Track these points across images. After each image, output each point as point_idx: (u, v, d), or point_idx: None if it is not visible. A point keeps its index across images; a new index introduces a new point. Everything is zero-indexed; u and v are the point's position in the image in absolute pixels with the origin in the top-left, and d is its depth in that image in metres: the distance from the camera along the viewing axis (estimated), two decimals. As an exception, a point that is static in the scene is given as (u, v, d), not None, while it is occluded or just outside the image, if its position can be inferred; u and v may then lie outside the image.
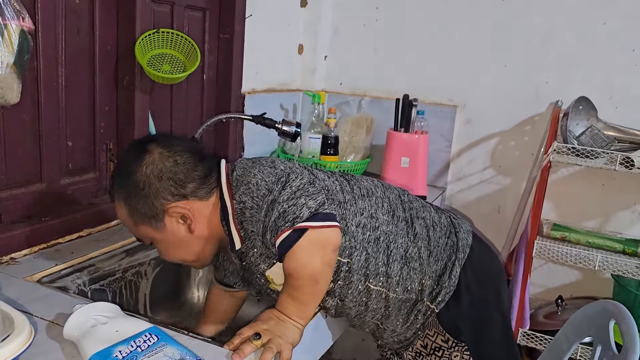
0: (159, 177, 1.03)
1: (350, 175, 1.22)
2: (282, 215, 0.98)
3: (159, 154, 1.05)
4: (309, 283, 1.00)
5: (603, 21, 1.95)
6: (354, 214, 1.10)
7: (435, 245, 1.16)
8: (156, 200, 1.04)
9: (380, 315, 1.17)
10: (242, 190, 1.05)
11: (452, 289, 1.14)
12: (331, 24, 2.42)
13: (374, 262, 1.11)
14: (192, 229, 1.07)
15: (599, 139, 1.83)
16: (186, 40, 1.58)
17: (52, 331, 0.97)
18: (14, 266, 1.22)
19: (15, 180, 1.31)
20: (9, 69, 1.09)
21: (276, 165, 1.08)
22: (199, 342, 0.97)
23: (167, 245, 1.10)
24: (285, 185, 1.02)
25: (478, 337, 1.17)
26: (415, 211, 1.19)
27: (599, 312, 1.48)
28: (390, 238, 1.12)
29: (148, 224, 1.06)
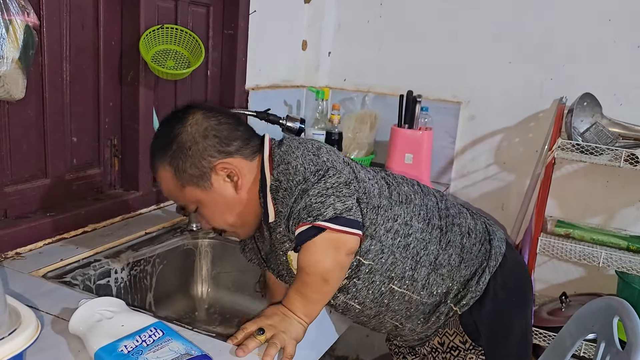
0: (204, 135, 1.03)
1: (392, 177, 1.19)
2: (307, 208, 0.97)
3: (202, 115, 1.05)
4: (318, 281, 0.99)
5: (608, 17, 1.94)
6: (387, 219, 1.08)
7: (468, 252, 1.14)
8: (203, 159, 1.03)
9: (401, 316, 1.15)
10: (282, 169, 1.03)
11: (479, 294, 1.12)
12: (335, 20, 2.41)
13: (400, 266, 1.09)
14: (239, 187, 1.06)
15: (604, 136, 1.83)
16: (190, 36, 1.58)
17: (57, 326, 0.97)
18: (20, 261, 1.23)
19: (20, 175, 1.32)
20: (14, 64, 1.09)
21: (320, 154, 1.06)
22: (204, 337, 0.98)
23: (214, 208, 1.08)
24: (320, 179, 1.00)
25: (495, 345, 1.15)
26: (451, 218, 1.17)
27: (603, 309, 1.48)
28: (421, 245, 1.11)
29: (195, 185, 1.05)
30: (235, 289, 1.53)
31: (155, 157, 1.09)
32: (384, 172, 1.20)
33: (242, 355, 0.92)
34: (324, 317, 1.16)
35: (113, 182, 1.58)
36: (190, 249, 1.52)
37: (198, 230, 1.54)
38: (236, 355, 0.92)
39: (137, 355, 0.83)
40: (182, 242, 1.49)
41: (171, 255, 1.46)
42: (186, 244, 1.51)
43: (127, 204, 1.55)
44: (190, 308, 1.51)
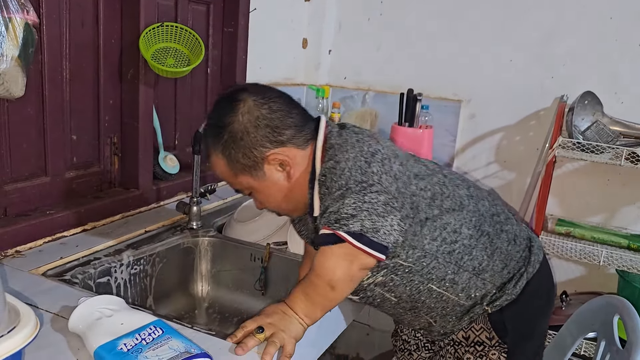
0: (256, 125, 1.01)
1: (450, 179, 1.15)
2: (337, 214, 0.96)
3: (253, 102, 1.02)
4: (326, 286, 0.99)
5: (610, 16, 1.93)
6: (434, 229, 1.06)
7: (512, 259, 1.15)
8: (255, 149, 1.02)
9: (436, 313, 1.15)
10: (330, 165, 1.01)
11: (513, 297, 1.13)
12: (335, 18, 2.41)
13: (442, 270, 1.08)
14: (291, 176, 1.05)
15: (605, 134, 1.82)
16: (190, 34, 1.58)
17: (57, 324, 0.97)
18: (19, 259, 1.23)
19: (20, 173, 1.32)
20: (14, 62, 1.09)
21: (373, 162, 1.00)
22: (204, 335, 0.98)
23: (267, 195, 1.08)
24: (361, 191, 0.97)
25: (519, 345, 1.16)
26: (500, 225, 1.16)
27: (604, 308, 1.48)
28: (466, 251, 1.09)
29: (248, 174, 1.04)
30: (235, 287, 1.52)
31: (207, 144, 1.07)
32: (442, 173, 1.15)
33: (241, 353, 0.92)
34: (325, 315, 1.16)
35: (113, 180, 1.58)
36: (190, 247, 1.52)
37: (198, 229, 1.54)
38: (235, 354, 0.92)
39: (137, 353, 0.83)
40: (182, 241, 1.49)
41: (171, 253, 1.46)
42: (186, 243, 1.50)
43: (127, 202, 1.55)
44: (190, 306, 1.51)
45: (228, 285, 1.54)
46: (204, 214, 1.59)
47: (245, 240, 1.53)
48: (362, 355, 2.48)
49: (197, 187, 1.53)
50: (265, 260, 1.45)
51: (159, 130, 1.66)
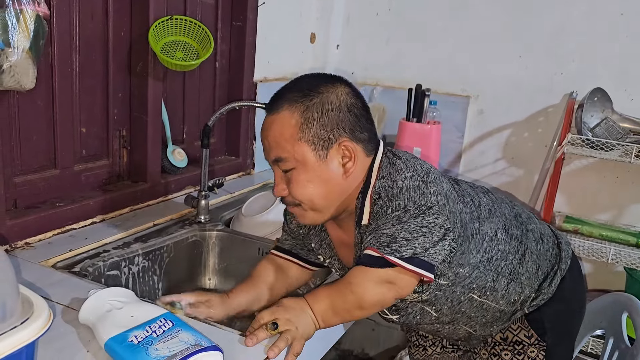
0: (349, 108, 0.99)
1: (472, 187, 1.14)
2: (391, 237, 0.94)
3: (348, 91, 1.00)
4: (355, 303, 0.97)
5: (620, 12, 1.92)
6: (478, 242, 1.06)
7: (544, 259, 1.14)
8: (336, 128, 0.98)
9: (476, 322, 1.13)
10: (386, 184, 0.98)
11: (550, 296, 1.13)
12: (343, 12, 2.40)
13: (483, 279, 1.07)
14: (347, 172, 1.00)
15: (614, 131, 1.81)
16: (200, 27, 1.58)
17: (67, 315, 0.98)
18: (29, 251, 1.23)
19: (29, 166, 1.32)
20: (25, 54, 1.09)
21: (429, 181, 0.98)
22: (214, 328, 0.98)
23: (311, 177, 1.00)
24: (420, 215, 0.95)
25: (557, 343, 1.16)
26: (524, 225, 1.15)
27: (612, 305, 1.47)
28: (502, 256, 1.09)
29: (312, 145, 0.98)
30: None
31: (285, 98, 1.00)
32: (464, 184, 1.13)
33: (251, 344, 0.92)
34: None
35: (122, 173, 1.58)
36: (198, 241, 1.52)
37: (206, 223, 1.54)
38: (245, 344, 0.93)
39: (147, 345, 0.84)
40: (190, 234, 1.50)
41: (179, 247, 1.46)
42: (194, 236, 1.51)
43: (135, 195, 1.55)
44: (197, 300, 1.52)
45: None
46: (211, 207, 1.60)
47: (253, 235, 1.53)
48: (367, 351, 2.48)
49: (206, 180, 1.53)
50: (273, 254, 1.45)
51: (167, 124, 1.66)
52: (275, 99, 1.03)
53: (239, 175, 2.03)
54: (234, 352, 0.91)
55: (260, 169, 2.12)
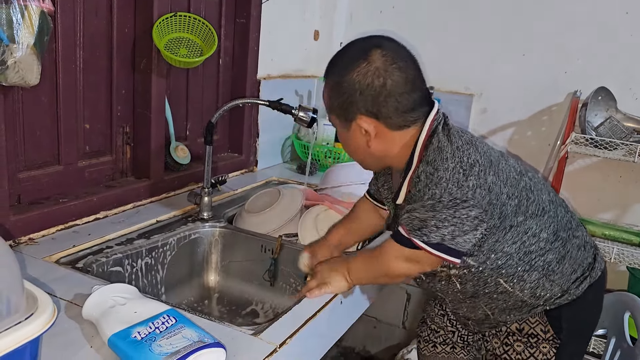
0: (362, 90, 1.04)
1: (534, 183, 1.15)
2: (423, 222, 1.01)
3: (375, 70, 1.03)
4: (383, 271, 1.11)
5: (625, 10, 1.91)
6: (517, 234, 1.08)
7: (580, 264, 1.17)
8: (351, 107, 1.06)
9: (496, 306, 1.17)
10: (429, 170, 1.01)
11: (573, 298, 1.15)
12: (347, 10, 2.40)
13: (514, 267, 1.10)
14: (369, 146, 1.09)
15: (618, 130, 1.81)
16: (203, 24, 1.58)
17: (71, 311, 0.98)
18: (33, 246, 1.24)
19: (33, 161, 1.32)
20: (29, 50, 1.09)
21: (470, 175, 1.00)
22: (216, 324, 0.98)
23: (345, 141, 1.14)
24: (453, 207, 0.99)
25: (571, 343, 1.18)
26: (572, 231, 1.18)
27: (614, 304, 1.47)
28: (540, 252, 1.12)
29: (338, 117, 1.10)
30: (245, 278, 1.53)
31: (329, 71, 1.11)
32: (527, 176, 1.15)
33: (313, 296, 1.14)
34: (335, 308, 1.16)
35: (125, 169, 1.58)
36: (201, 237, 1.52)
37: (209, 219, 1.54)
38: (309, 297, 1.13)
39: (151, 341, 0.84)
40: (193, 231, 1.50)
41: (182, 243, 1.47)
42: (197, 233, 1.51)
43: (138, 191, 1.55)
44: (199, 296, 1.52)
45: (238, 276, 1.54)
46: (214, 204, 1.60)
47: (256, 232, 1.53)
48: (369, 348, 2.48)
49: (209, 177, 1.53)
50: (276, 251, 1.45)
51: (170, 121, 1.67)
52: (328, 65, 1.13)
53: (241, 172, 2.03)
54: (237, 349, 0.91)
55: (263, 166, 2.12)
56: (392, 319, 2.42)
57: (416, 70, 1.08)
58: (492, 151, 1.11)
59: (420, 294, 2.35)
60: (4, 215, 1.19)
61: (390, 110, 1.04)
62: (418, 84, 1.07)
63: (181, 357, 0.81)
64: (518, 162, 1.19)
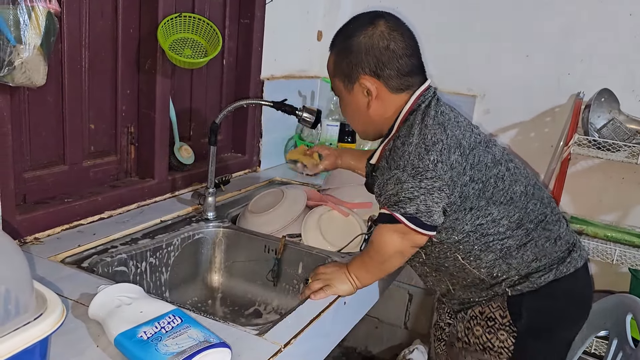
0: (367, 51, 1.14)
1: (513, 172, 1.21)
2: (397, 196, 1.10)
3: (380, 33, 1.14)
4: (378, 258, 1.17)
5: (629, 12, 1.91)
6: (477, 217, 1.15)
7: (546, 256, 1.19)
8: (355, 67, 1.16)
9: (457, 281, 1.24)
10: (397, 143, 1.13)
11: (535, 287, 1.17)
12: (350, 10, 2.40)
13: (470, 245, 1.17)
14: (369, 106, 1.19)
15: (621, 132, 1.81)
16: (208, 25, 1.58)
17: (77, 310, 0.99)
18: (38, 246, 1.24)
19: (39, 161, 1.33)
20: (36, 50, 1.09)
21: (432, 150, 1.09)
22: (221, 324, 0.99)
23: (346, 106, 1.25)
24: (416, 176, 1.08)
25: (530, 336, 1.19)
26: (544, 224, 1.21)
27: (616, 306, 1.48)
28: (498, 237, 1.17)
29: (342, 80, 1.20)
30: (249, 278, 1.53)
31: (334, 41, 1.23)
32: (506, 166, 1.21)
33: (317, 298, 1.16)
34: (339, 309, 1.17)
35: (129, 169, 1.59)
36: (205, 237, 1.53)
37: (213, 219, 1.55)
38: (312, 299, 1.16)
39: (157, 341, 0.84)
40: (196, 231, 1.50)
41: (186, 243, 1.47)
42: (201, 233, 1.51)
43: (142, 191, 1.56)
44: (203, 296, 1.52)
45: (241, 276, 1.55)
46: (218, 204, 1.60)
47: (259, 232, 1.54)
48: (371, 348, 2.49)
49: (213, 177, 1.54)
50: (279, 252, 1.46)
51: (174, 121, 1.67)
52: (333, 37, 1.24)
53: (245, 173, 2.03)
54: (242, 349, 0.92)
55: (266, 166, 2.13)
56: (393, 319, 2.42)
57: (414, 40, 1.19)
58: (472, 136, 1.18)
59: (422, 294, 2.35)
60: (10, 215, 1.20)
61: (391, 72, 1.15)
62: (416, 52, 1.19)
63: (187, 357, 0.81)
64: (504, 152, 1.25)
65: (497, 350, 1.20)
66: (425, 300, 2.35)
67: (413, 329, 2.39)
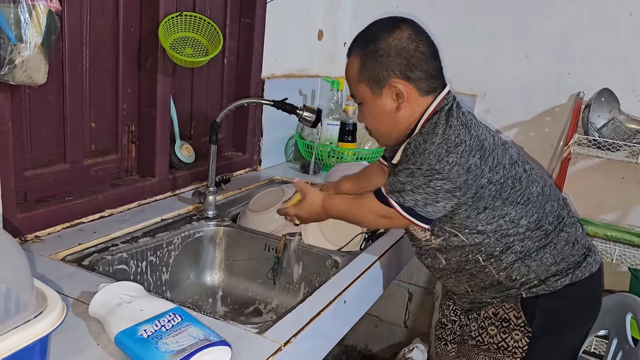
0: (398, 52, 1.14)
1: (530, 173, 1.21)
2: (402, 185, 1.12)
3: (408, 35, 1.15)
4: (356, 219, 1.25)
5: (629, 12, 1.91)
6: (493, 217, 1.15)
7: (564, 259, 1.20)
8: (386, 70, 1.15)
9: (475, 283, 1.25)
10: (420, 139, 1.13)
11: (551, 290, 1.18)
12: (351, 10, 2.40)
13: (492, 246, 1.17)
14: (399, 109, 1.18)
15: (621, 132, 1.81)
16: (209, 24, 1.58)
17: (77, 308, 0.99)
18: (39, 244, 1.25)
19: (39, 160, 1.33)
20: (37, 49, 1.09)
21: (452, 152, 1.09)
22: (221, 323, 0.99)
23: (372, 111, 1.22)
24: (428, 176, 1.10)
25: (544, 336, 1.20)
26: (562, 226, 1.22)
27: (616, 305, 1.48)
28: (518, 238, 1.17)
29: (369, 85, 1.18)
30: (249, 277, 1.54)
31: (355, 45, 1.20)
32: (523, 167, 1.21)
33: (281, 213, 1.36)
34: (339, 307, 1.17)
35: (130, 168, 1.59)
36: (205, 236, 1.53)
37: (213, 218, 1.55)
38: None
39: (157, 339, 0.85)
40: (197, 230, 1.51)
41: (186, 242, 1.48)
42: (201, 231, 1.52)
43: (143, 190, 1.56)
44: (203, 295, 1.53)
45: (242, 275, 1.55)
46: (218, 203, 1.61)
47: (260, 230, 1.54)
48: (371, 347, 2.49)
49: (213, 176, 1.54)
50: (279, 250, 1.46)
51: (175, 120, 1.67)
52: (352, 43, 1.22)
53: (245, 171, 2.04)
54: (242, 347, 0.92)
55: (266, 165, 2.13)
56: (393, 318, 2.43)
57: (435, 44, 1.20)
58: (491, 138, 1.18)
59: (422, 293, 2.35)
60: (11, 213, 1.20)
61: (421, 74, 1.15)
62: (438, 56, 1.20)
63: (187, 355, 0.81)
64: (521, 154, 1.25)
65: (512, 350, 1.20)
66: (426, 299, 2.35)
67: (413, 327, 2.39)
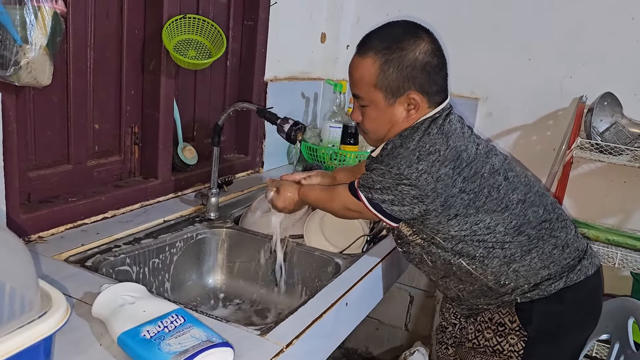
0: (423, 67, 1.14)
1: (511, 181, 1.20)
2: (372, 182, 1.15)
3: (431, 49, 1.15)
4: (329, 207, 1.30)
5: (631, 16, 1.91)
6: (464, 223, 1.16)
7: (555, 263, 1.19)
8: (407, 82, 1.14)
9: (464, 288, 1.25)
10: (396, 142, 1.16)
11: (545, 294, 1.18)
12: (354, 12, 2.41)
13: (472, 250, 1.17)
14: (408, 118, 1.17)
15: (623, 136, 1.82)
16: (212, 26, 1.59)
17: (80, 309, 0.99)
18: (42, 245, 1.25)
19: (43, 160, 1.34)
20: (42, 50, 1.10)
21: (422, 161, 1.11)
22: (224, 324, 0.99)
23: (379, 116, 1.20)
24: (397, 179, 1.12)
25: (540, 341, 1.19)
26: (550, 231, 1.21)
27: (618, 309, 1.48)
28: (498, 243, 1.17)
29: (384, 92, 1.16)
30: (251, 278, 1.54)
31: (373, 45, 1.16)
32: (504, 176, 1.20)
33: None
34: (341, 310, 1.17)
35: (133, 169, 1.60)
36: (208, 237, 1.53)
37: (215, 220, 1.56)
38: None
39: (160, 340, 0.85)
40: (199, 231, 1.51)
41: (189, 243, 1.48)
42: (204, 233, 1.52)
43: (146, 191, 1.57)
44: (205, 296, 1.53)
45: (244, 277, 1.56)
46: (221, 205, 1.61)
47: (262, 232, 1.54)
48: (371, 350, 2.49)
49: (216, 178, 1.54)
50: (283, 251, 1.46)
51: (178, 121, 1.68)
52: (366, 41, 1.18)
53: (247, 173, 2.04)
54: (244, 349, 0.92)
55: (269, 167, 2.13)
56: (394, 321, 2.43)
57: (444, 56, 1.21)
58: (474, 148, 1.17)
59: (423, 296, 2.35)
60: (15, 214, 1.20)
61: (436, 88, 1.16)
62: (447, 67, 1.20)
63: (190, 356, 0.82)
64: (505, 161, 1.24)
65: (507, 353, 1.20)
66: (427, 302, 2.35)
67: (414, 330, 2.39)
